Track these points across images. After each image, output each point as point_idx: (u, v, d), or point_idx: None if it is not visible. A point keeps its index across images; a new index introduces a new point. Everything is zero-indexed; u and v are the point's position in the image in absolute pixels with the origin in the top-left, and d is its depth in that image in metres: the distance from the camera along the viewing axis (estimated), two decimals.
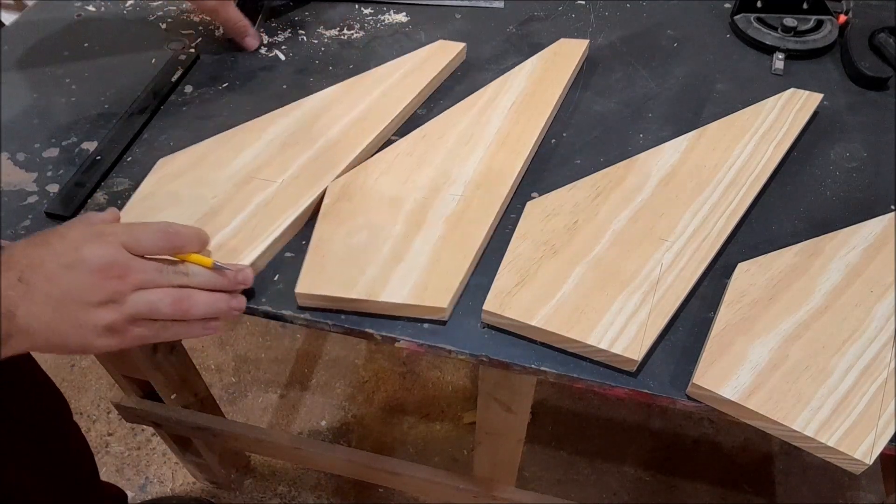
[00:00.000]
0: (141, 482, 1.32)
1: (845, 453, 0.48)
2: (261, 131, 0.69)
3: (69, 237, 0.49)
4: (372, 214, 0.62)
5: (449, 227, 0.61)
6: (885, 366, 0.52)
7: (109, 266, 0.48)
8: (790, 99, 0.73)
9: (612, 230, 0.61)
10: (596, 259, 0.58)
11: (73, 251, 0.48)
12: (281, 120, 0.71)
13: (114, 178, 0.68)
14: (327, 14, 0.87)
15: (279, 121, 0.71)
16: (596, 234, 0.61)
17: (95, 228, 0.51)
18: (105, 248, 0.49)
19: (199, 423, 1.02)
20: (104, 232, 0.50)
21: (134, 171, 0.68)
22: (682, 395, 0.53)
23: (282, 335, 1.51)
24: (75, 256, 0.48)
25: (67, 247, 0.48)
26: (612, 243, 0.60)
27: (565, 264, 0.58)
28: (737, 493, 1.28)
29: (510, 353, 0.55)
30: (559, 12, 0.88)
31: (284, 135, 0.69)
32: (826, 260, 0.59)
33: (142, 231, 0.51)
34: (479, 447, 0.85)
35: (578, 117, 0.74)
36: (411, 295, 0.56)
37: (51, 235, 0.49)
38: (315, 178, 0.64)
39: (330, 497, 1.29)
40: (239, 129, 0.70)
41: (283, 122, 0.70)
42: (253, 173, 0.65)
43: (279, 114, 0.72)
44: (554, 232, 0.61)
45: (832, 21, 0.83)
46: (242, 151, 0.67)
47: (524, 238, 0.60)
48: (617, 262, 0.58)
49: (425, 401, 1.41)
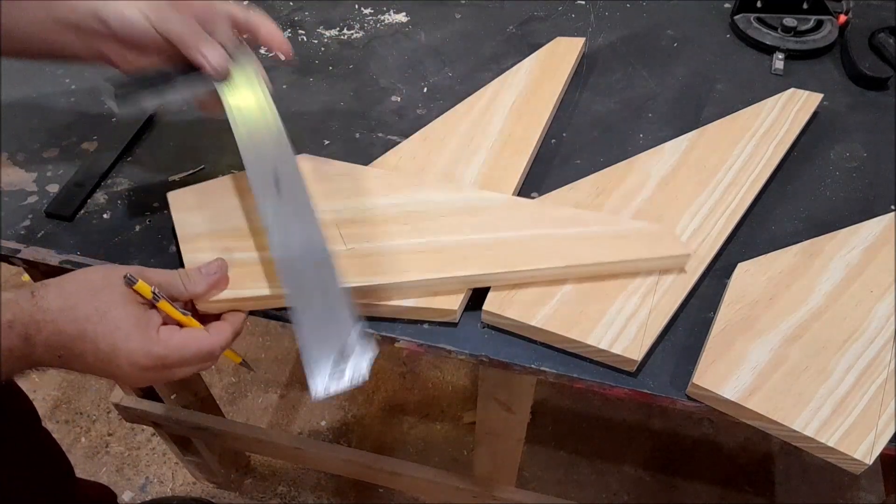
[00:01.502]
0: (141, 482, 1.32)
1: (845, 453, 0.48)
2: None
3: (106, 328, 0.47)
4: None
5: None
6: (885, 366, 0.52)
7: (151, 367, 0.49)
8: (790, 99, 0.73)
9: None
10: None
11: (111, 354, 0.47)
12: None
13: (114, 178, 0.68)
14: (327, 14, 0.87)
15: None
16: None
17: (132, 313, 0.48)
18: (145, 347, 0.48)
19: (199, 423, 1.02)
20: (145, 321, 0.49)
21: (134, 171, 0.68)
22: (682, 395, 0.53)
23: (282, 335, 1.51)
24: (115, 363, 0.48)
25: (107, 345, 0.47)
26: None
27: None
28: (737, 493, 1.28)
29: (510, 353, 0.55)
30: (559, 12, 0.88)
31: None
32: (826, 260, 0.59)
33: (183, 284, 0.52)
34: (479, 447, 0.85)
35: (578, 117, 0.74)
36: (422, 298, 0.56)
37: (85, 324, 0.47)
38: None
39: (330, 497, 1.29)
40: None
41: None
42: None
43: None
44: None
45: (832, 21, 0.83)
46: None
47: None
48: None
49: (425, 401, 1.41)
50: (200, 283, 0.52)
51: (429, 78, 0.79)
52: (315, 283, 0.51)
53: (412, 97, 0.77)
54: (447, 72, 0.80)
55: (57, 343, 0.46)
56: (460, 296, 0.56)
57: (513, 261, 0.56)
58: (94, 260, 0.61)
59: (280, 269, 0.52)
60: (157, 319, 0.50)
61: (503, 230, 0.59)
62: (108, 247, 0.62)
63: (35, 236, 0.63)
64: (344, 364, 0.48)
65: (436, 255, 0.56)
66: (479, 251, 0.57)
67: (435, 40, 0.84)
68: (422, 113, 0.75)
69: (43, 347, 0.46)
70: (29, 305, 0.46)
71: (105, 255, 0.61)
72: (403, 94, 0.77)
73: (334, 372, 0.48)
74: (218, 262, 0.54)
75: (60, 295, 0.47)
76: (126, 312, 0.48)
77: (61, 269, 0.61)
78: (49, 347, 0.47)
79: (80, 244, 0.62)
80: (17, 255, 0.62)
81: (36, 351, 0.46)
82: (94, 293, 0.48)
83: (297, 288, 0.51)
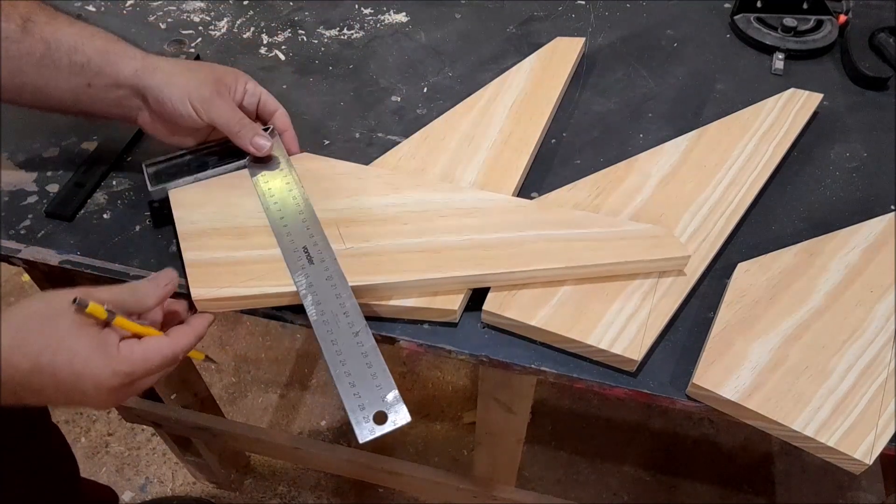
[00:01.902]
0: (141, 482, 1.32)
1: (845, 453, 0.48)
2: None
3: (64, 356, 0.45)
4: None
5: None
6: (885, 366, 0.52)
7: (119, 386, 0.47)
8: (790, 99, 0.73)
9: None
10: None
11: (74, 382, 0.46)
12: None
13: (114, 178, 0.68)
14: (327, 14, 0.87)
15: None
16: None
17: (88, 335, 0.47)
18: (110, 367, 0.47)
19: (199, 423, 1.02)
20: (103, 342, 0.47)
21: (134, 171, 0.68)
22: (682, 395, 0.53)
23: (282, 335, 1.51)
24: (80, 390, 0.46)
25: (67, 374, 0.45)
26: None
27: None
28: (737, 493, 1.28)
29: (510, 353, 0.55)
30: (559, 12, 0.88)
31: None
32: (826, 260, 0.59)
33: (134, 298, 0.50)
34: (479, 447, 0.85)
35: (578, 117, 0.74)
36: (422, 298, 0.56)
37: (39, 357, 0.45)
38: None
39: (330, 497, 1.29)
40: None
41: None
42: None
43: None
44: None
45: (832, 21, 0.83)
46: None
47: None
48: None
49: (425, 401, 1.41)
50: (151, 297, 0.51)
51: (429, 78, 0.79)
52: (352, 345, 0.51)
53: (412, 97, 0.77)
54: (447, 72, 0.80)
55: (10, 380, 0.44)
56: (460, 296, 0.56)
57: (512, 261, 0.56)
58: (94, 260, 0.61)
59: (319, 335, 0.52)
60: (115, 337, 0.48)
61: (503, 231, 0.59)
62: (108, 247, 0.62)
63: (35, 236, 0.63)
64: (385, 418, 0.50)
65: (435, 254, 0.56)
66: (478, 251, 0.57)
67: (435, 40, 0.84)
68: (422, 113, 0.75)
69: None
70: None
71: (105, 255, 0.61)
72: (403, 94, 0.77)
73: (378, 422, 0.50)
74: (169, 273, 0.53)
75: (7, 331, 0.45)
76: (81, 337, 0.46)
77: (61, 269, 0.61)
78: (3, 386, 0.45)
79: (80, 244, 0.62)
80: (17, 255, 0.62)
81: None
82: (42, 323, 0.46)
83: (336, 351, 0.51)
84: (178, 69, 0.60)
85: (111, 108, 0.60)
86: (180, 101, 0.58)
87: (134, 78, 0.58)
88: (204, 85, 0.59)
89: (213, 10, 0.87)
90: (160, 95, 0.58)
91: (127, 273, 0.60)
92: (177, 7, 0.87)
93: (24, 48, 0.56)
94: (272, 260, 0.56)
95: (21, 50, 0.56)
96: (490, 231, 0.58)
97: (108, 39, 0.59)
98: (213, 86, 0.60)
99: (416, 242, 0.58)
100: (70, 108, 0.60)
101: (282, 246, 0.57)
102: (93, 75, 0.57)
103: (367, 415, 0.50)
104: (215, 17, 0.86)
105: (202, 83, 0.59)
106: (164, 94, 0.58)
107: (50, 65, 0.56)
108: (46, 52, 0.56)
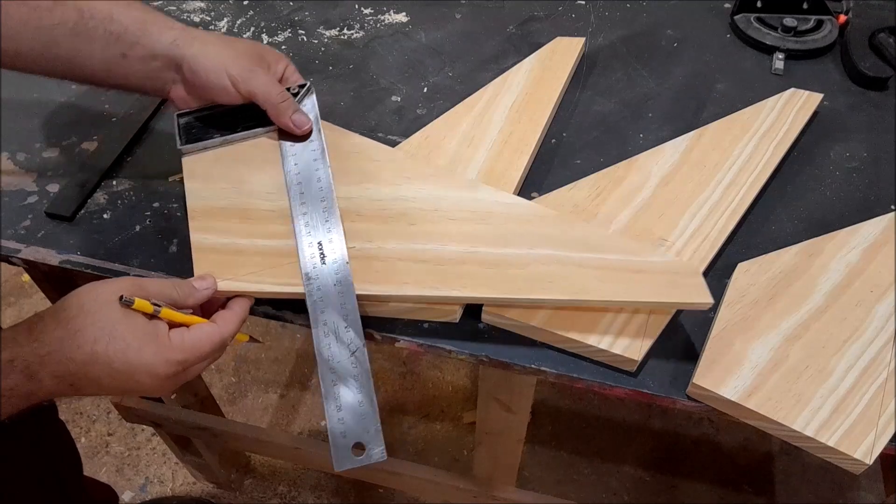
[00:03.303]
0: (141, 482, 1.32)
1: (845, 453, 0.48)
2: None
3: (117, 346, 0.46)
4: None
5: None
6: (885, 366, 0.52)
7: (173, 374, 0.48)
8: (790, 99, 0.73)
9: (613, 230, 0.61)
10: None
11: (128, 371, 0.46)
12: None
13: (114, 178, 0.68)
14: (327, 14, 0.87)
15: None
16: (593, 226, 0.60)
17: (138, 326, 0.47)
18: (163, 356, 0.47)
19: (199, 423, 1.02)
20: (153, 332, 0.48)
21: (134, 171, 0.68)
22: (682, 395, 0.53)
23: (282, 335, 1.51)
24: (134, 379, 0.47)
25: (121, 363, 0.46)
26: None
27: None
28: (737, 493, 1.28)
29: (510, 353, 0.55)
30: (559, 12, 0.88)
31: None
32: (826, 260, 0.59)
33: (177, 293, 0.51)
34: (479, 447, 0.85)
35: (578, 117, 0.74)
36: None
37: (94, 346, 0.46)
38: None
39: (330, 497, 1.29)
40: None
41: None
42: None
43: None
44: None
45: (832, 21, 0.83)
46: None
47: None
48: None
49: (425, 401, 1.41)
50: (192, 297, 0.52)
51: (429, 78, 0.79)
52: (346, 366, 0.51)
53: (412, 97, 0.77)
54: (447, 72, 0.80)
55: (66, 372, 0.45)
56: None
57: (516, 287, 0.53)
58: (94, 260, 0.61)
59: (317, 348, 0.52)
60: (164, 327, 0.49)
61: (513, 245, 0.56)
62: (108, 247, 0.62)
63: (35, 236, 0.63)
64: (364, 450, 0.49)
65: (437, 267, 0.55)
66: (482, 269, 0.54)
67: (435, 40, 0.84)
68: (422, 113, 0.75)
69: (51, 380, 0.45)
70: (28, 341, 0.45)
71: (105, 255, 0.61)
72: (403, 94, 0.77)
73: (356, 454, 0.49)
74: (210, 281, 0.53)
75: (59, 324, 0.46)
76: (132, 327, 0.47)
77: (61, 269, 0.61)
78: (58, 378, 0.46)
79: (80, 244, 0.62)
80: (17, 255, 0.62)
81: (43, 386, 0.45)
82: (92, 315, 0.46)
83: (329, 368, 0.51)
84: (217, 41, 0.58)
85: (144, 81, 0.58)
86: (215, 72, 0.57)
87: (171, 47, 0.56)
88: (242, 57, 0.58)
89: (214, 10, 0.87)
90: (195, 65, 0.56)
91: (127, 273, 0.60)
92: (177, 7, 0.87)
93: (56, 16, 0.54)
94: (284, 254, 0.55)
95: (53, 18, 0.54)
96: (499, 244, 0.56)
97: (145, 9, 0.57)
98: (251, 59, 0.58)
99: (421, 250, 0.56)
100: (103, 80, 0.58)
101: (298, 238, 0.55)
102: (129, 46, 0.55)
103: (347, 443, 0.49)
104: (215, 16, 0.86)
105: (241, 55, 0.58)
106: (200, 63, 0.56)
107: (83, 34, 0.54)
108: (80, 21, 0.54)
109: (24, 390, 0.45)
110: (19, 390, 0.45)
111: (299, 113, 0.60)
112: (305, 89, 0.63)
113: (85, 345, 0.45)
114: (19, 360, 0.45)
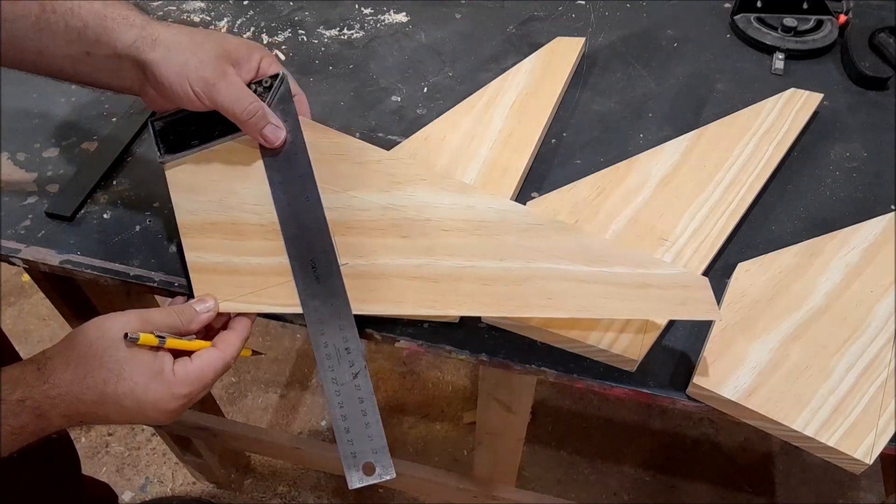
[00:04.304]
0: (141, 482, 1.32)
1: (845, 453, 0.48)
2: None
3: (125, 386, 0.47)
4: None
5: None
6: (885, 366, 0.52)
7: (180, 406, 0.50)
8: (790, 99, 0.73)
9: (612, 230, 0.61)
10: None
11: (137, 408, 0.48)
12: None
13: (114, 178, 0.68)
14: (327, 14, 0.87)
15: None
16: (596, 233, 0.60)
17: (144, 364, 0.48)
18: (169, 392, 0.48)
19: (199, 423, 1.02)
20: (159, 368, 0.48)
21: (134, 171, 0.68)
22: (682, 395, 0.53)
23: (282, 335, 1.51)
24: (143, 414, 0.49)
25: (130, 402, 0.47)
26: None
27: None
28: (737, 493, 1.28)
29: (510, 353, 0.55)
30: (559, 12, 0.88)
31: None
32: (826, 260, 0.59)
33: (181, 320, 0.51)
34: (479, 447, 0.85)
35: (578, 117, 0.74)
36: None
37: (104, 387, 0.47)
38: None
39: (330, 497, 1.29)
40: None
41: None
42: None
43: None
44: None
45: (832, 21, 0.83)
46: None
47: None
48: None
49: (425, 401, 1.41)
50: (195, 322, 0.52)
51: (429, 78, 0.79)
52: (350, 388, 0.52)
53: (412, 97, 0.77)
54: (447, 72, 0.80)
55: (76, 412, 0.47)
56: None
57: (515, 305, 0.52)
58: (94, 260, 0.61)
59: (321, 369, 0.52)
60: (169, 361, 0.49)
61: (511, 258, 0.53)
62: (108, 247, 0.62)
63: (35, 236, 0.63)
64: (373, 469, 0.51)
65: (433, 284, 0.53)
66: (479, 286, 0.53)
67: (435, 40, 0.84)
68: (422, 113, 0.75)
69: (61, 419, 0.47)
70: (38, 382, 0.46)
71: (105, 255, 0.61)
72: (403, 94, 0.77)
73: (367, 473, 0.51)
74: (211, 303, 0.53)
75: (68, 365, 0.47)
76: (139, 366, 0.47)
77: (61, 269, 0.61)
78: (68, 417, 0.47)
79: (80, 244, 0.62)
80: (17, 255, 0.62)
81: (53, 424, 0.47)
82: (100, 357, 0.47)
83: (335, 391, 0.52)
84: (180, 42, 0.53)
85: (112, 80, 0.55)
86: (178, 82, 0.53)
87: (132, 49, 0.52)
88: (206, 64, 0.53)
89: (214, 10, 0.87)
90: (157, 74, 0.53)
91: (127, 273, 0.60)
92: (177, 7, 0.87)
93: (18, 9, 0.51)
94: (279, 272, 0.55)
95: (15, 11, 0.51)
96: (496, 257, 0.54)
97: (107, 3, 0.53)
98: (218, 64, 0.54)
99: (416, 265, 0.54)
100: (71, 76, 0.55)
101: (290, 255, 0.54)
102: (91, 43, 0.52)
103: (357, 463, 0.50)
104: (215, 16, 0.86)
105: (205, 61, 0.53)
106: (162, 73, 0.52)
107: (46, 29, 0.51)
108: (42, 15, 0.51)
109: (34, 428, 0.46)
110: (29, 428, 0.46)
111: (270, 126, 0.57)
112: (279, 81, 0.59)
113: (95, 387, 0.47)
114: (30, 401, 0.45)
